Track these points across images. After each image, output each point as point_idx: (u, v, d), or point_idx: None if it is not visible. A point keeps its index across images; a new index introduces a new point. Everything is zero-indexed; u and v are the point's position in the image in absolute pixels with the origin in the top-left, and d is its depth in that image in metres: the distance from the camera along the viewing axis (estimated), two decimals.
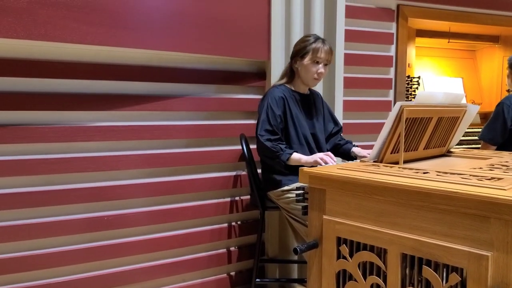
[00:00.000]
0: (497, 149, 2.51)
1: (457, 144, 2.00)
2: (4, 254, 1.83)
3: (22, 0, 1.69)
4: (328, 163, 1.81)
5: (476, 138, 3.22)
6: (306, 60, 2.05)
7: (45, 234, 1.91)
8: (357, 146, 2.21)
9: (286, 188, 2.01)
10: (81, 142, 1.97)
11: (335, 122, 2.29)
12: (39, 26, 1.73)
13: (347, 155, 2.18)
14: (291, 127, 2.05)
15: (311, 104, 2.18)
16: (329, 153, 1.90)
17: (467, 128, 2.07)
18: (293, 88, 2.14)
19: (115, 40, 1.92)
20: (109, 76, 2.03)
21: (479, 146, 2.66)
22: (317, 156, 1.87)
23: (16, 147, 1.85)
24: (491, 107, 3.54)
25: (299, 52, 2.07)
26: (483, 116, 3.54)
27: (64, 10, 1.78)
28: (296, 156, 1.94)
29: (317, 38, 2.07)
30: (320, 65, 2.06)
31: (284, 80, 2.15)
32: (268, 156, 1.99)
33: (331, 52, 2.08)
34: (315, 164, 1.83)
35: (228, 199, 2.40)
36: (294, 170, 1.95)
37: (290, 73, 2.14)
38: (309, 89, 2.23)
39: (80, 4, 1.81)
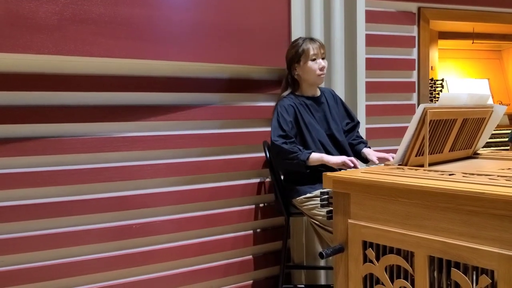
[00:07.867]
0: None
1: (484, 146, 1.96)
2: (36, 263, 1.89)
3: (53, 17, 1.77)
4: (355, 167, 1.83)
5: (505, 140, 3.14)
6: (304, 62, 2.05)
7: (74, 242, 1.96)
8: (369, 147, 2.17)
9: (308, 195, 2.01)
10: (108, 152, 2.03)
11: (351, 117, 2.25)
12: (69, 42, 1.81)
13: (359, 156, 2.14)
14: (306, 134, 2.04)
15: (324, 104, 2.16)
16: (353, 158, 1.90)
17: (495, 130, 2.02)
18: (300, 94, 2.13)
19: (139, 53, 1.98)
20: (134, 88, 2.09)
21: (508, 148, 2.60)
22: (345, 157, 1.88)
23: (47, 158, 1.92)
24: None
25: (294, 58, 2.07)
26: None
27: (92, 25, 1.85)
28: (316, 155, 1.93)
29: (304, 39, 2.09)
30: (319, 60, 2.07)
31: (288, 91, 2.13)
32: (286, 159, 1.96)
33: (322, 46, 2.10)
34: (342, 165, 1.84)
35: (253, 206, 2.42)
36: (315, 177, 1.96)
37: (292, 82, 2.13)
38: (320, 89, 2.21)
39: (107, 20, 1.88)
